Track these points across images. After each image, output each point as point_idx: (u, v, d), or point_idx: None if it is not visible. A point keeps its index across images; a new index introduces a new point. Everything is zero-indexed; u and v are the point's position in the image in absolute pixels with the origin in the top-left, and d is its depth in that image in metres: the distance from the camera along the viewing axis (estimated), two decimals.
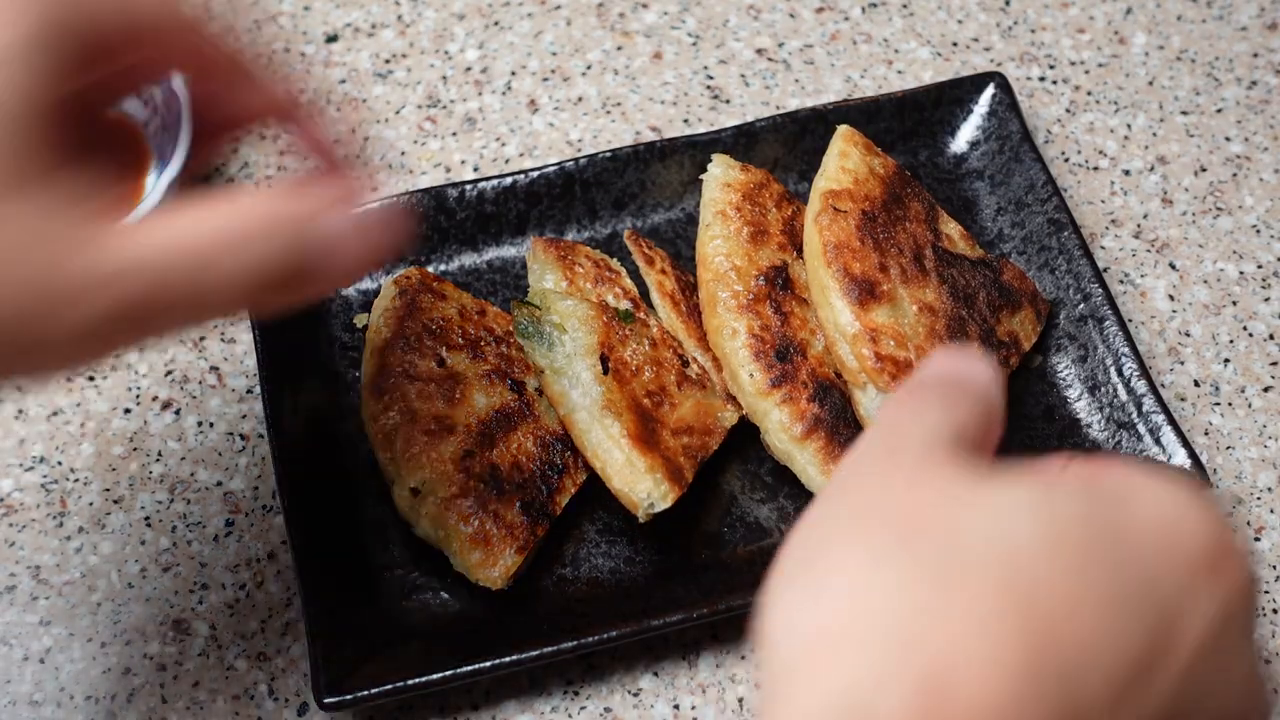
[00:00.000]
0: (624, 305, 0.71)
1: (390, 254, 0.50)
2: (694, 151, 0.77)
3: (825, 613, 0.36)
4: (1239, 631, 0.38)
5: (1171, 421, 0.68)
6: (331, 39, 0.87)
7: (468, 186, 0.75)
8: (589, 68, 0.87)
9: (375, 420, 0.67)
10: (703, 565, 0.67)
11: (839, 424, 0.66)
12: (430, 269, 0.73)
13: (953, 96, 0.80)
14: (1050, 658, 0.35)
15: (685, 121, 0.84)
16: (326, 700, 0.60)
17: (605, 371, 0.65)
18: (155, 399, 0.73)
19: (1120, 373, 0.71)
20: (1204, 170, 0.83)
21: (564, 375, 0.65)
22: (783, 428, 0.67)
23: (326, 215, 0.47)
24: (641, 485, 0.62)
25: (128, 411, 0.73)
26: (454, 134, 0.83)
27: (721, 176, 0.73)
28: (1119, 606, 0.37)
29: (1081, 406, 0.71)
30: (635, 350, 0.68)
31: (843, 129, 0.75)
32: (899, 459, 0.41)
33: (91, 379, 0.74)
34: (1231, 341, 0.77)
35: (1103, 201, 0.82)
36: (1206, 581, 0.38)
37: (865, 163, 0.73)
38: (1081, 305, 0.73)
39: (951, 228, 0.73)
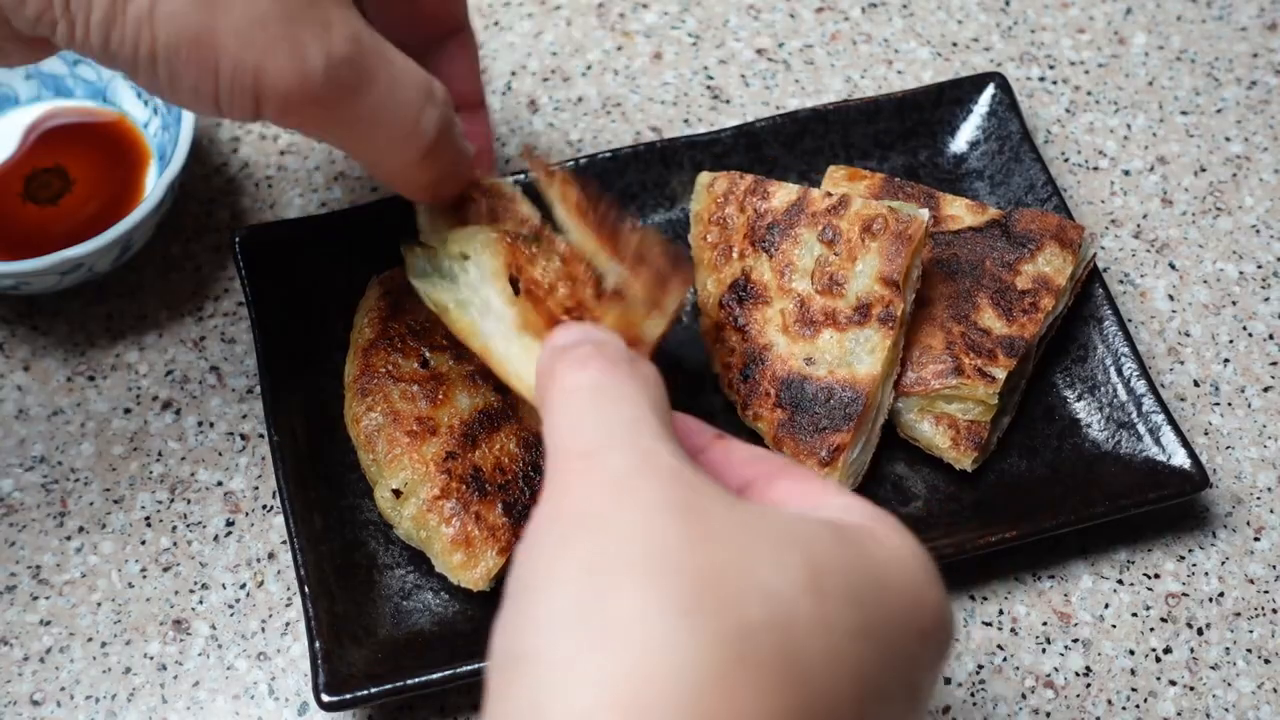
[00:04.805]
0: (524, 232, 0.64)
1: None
2: (694, 152, 0.77)
3: (621, 673, 0.36)
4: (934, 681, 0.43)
5: (1171, 421, 0.68)
6: None
7: None
8: (589, 68, 0.86)
9: (358, 421, 0.67)
10: None
11: (811, 411, 0.67)
12: None
13: (953, 97, 0.80)
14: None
15: (685, 122, 0.84)
16: (326, 700, 0.60)
17: (517, 293, 0.58)
18: (155, 399, 0.73)
19: (1120, 373, 0.71)
20: (1204, 170, 0.83)
21: (471, 305, 0.59)
22: (766, 442, 0.68)
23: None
24: None
25: (128, 411, 0.73)
26: None
27: (694, 205, 0.74)
28: (874, 680, 0.40)
29: (1081, 407, 0.71)
30: (546, 268, 0.59)
31: (829, 171, 0.76)
32: (646, 478, 0.41)
33: (91, 379, 0.74)
34: (1231, 341, 0.77)
35: (1103, 201, 0.82)
36: (935, 645, 0.42)
37: (851, 192, 0.73)
38: (1082, 305, 0.73)
39: (956, 206, 0.74)
